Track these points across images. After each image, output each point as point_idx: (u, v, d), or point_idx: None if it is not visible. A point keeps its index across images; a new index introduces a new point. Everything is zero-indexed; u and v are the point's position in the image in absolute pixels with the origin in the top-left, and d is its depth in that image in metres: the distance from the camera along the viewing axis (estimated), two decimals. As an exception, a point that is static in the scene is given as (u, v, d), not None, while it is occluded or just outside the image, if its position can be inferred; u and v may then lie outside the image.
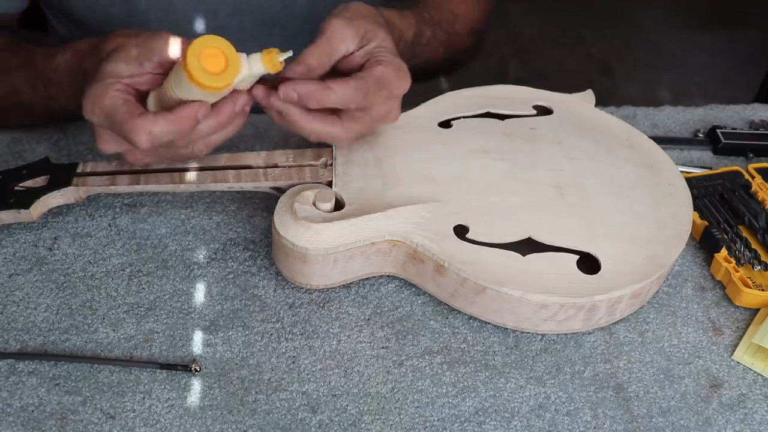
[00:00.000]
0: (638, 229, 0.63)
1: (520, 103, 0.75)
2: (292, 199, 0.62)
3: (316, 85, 0.58)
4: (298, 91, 0.58)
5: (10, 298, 0.62)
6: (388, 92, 0.61)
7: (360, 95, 0.59)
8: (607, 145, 0.71)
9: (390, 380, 0.58)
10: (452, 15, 0.86)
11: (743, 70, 2.26)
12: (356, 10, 0.64)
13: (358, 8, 0.65)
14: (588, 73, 2.34)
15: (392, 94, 0.62)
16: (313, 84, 0.58)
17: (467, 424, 0.56)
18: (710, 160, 0.81)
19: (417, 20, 0.78)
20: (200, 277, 0.65)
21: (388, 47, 0.63)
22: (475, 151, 0.69)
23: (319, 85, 0.58)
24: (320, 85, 0.58)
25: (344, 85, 0.58)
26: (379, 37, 0.63)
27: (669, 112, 0.87)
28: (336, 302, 0.63)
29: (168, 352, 0.59)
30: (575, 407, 0.57)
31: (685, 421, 0.57)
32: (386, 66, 0.60)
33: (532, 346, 0.61)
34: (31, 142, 0.76)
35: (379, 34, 0.63)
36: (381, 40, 0.63)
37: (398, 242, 0.61)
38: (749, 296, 0.64)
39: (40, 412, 0.55)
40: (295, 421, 0.55)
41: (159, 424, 0.54)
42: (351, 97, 0.59)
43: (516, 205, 0.64)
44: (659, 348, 0.62)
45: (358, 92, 0.59)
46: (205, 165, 0.66)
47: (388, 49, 0.63)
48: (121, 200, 0.71)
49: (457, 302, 0.62)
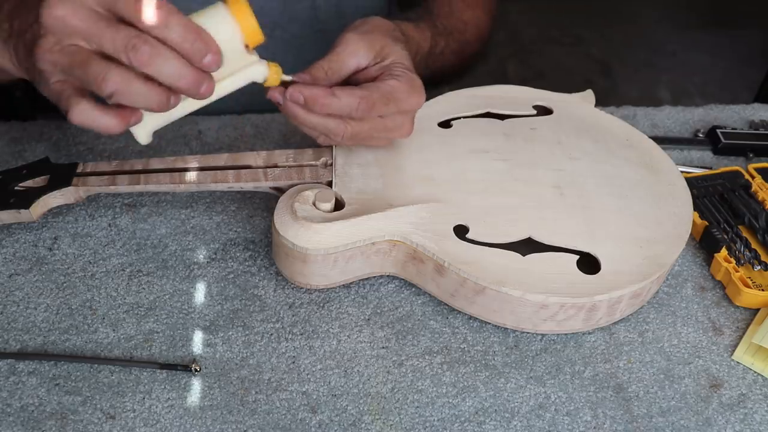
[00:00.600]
0: (638, 229, 0.63)
1: (520, 103, 0.75)
2: (292, 199, 0.62)
3: (322, 91, 0.58)
4: (305, 95, 0.58)
5: (10, 298, 0.62)
6: (397, 107, 0.61)
7: (365, 105, 0.59)
8: (607, 145, 0.71)
9: (390, 380, 0.58)
10: (462, 23, 0.87)
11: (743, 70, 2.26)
12: (374, 25, 0.65)
13: (376, 23, 0.65)
14: (588, 73, 2.34)
15: (402, 109, 0.62)
16: (319, 89, 0.58)
17: (467, 424, 0.56)
18: (710, 160, 0.81)
19: (432, 32, 0.79)
20: (200, 277, 0.65)
21: (405, 63, 0.63)
22: (475, 151, 0.69)
23: (326, 90, 0.58)
24: (326, 90, 0.58)
25: (350, 94, 0.59)
26: (396, 52, 0.63)
27: (669, 112, 0.87)
28: (336, 302, 0.63)
29: (168, 352, 0.59)
30: (575, 407, 0.57)
31: (685, 421, 0.57)
32: (399, 80, 0.61)
33: (532, 346, 0.61)
34: (31, 142, 0.76)
35: (396, 50, 0.63)
36: (398, 56, 0.63)
37: (398, 242, 0.61)
38: (749, 296, 0.64)
39: (40, 412, 0.55)
40: (295, 421, 0.55)
41: (159, 424, 0.54)
42: (355, 106, 0.59)
43: (516, 205, 0.64)
44: (659, 348, 0.62)
45: (362, 102, 0.59)
46: (205, 165, 0.66)
47: (405, 65, 0.63)
48: (121, 200, 0.71)
49: (457, 302, 0.62)
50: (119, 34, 0.48)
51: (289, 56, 0.88)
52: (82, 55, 0.49)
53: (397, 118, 0.62)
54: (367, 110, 0.59)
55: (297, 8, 0.85)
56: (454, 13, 0.87)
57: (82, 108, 0.50)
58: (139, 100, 0.50)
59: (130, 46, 0.48)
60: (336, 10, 0.87)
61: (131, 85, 0.49)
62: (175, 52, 0.49)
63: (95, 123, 0.51)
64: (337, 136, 0.61)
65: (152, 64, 0.48)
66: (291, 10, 0.85)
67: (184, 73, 0.49)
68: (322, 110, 0.59)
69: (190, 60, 0.50)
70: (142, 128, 0.55)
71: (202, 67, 0.50)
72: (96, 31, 0.49)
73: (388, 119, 0.62)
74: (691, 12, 2.63)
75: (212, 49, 0.50)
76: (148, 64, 0.48)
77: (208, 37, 0.50)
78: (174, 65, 0.49)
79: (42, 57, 0.50)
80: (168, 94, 0.50)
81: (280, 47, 0.88)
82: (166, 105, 0.51)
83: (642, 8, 2.62)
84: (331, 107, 0.59)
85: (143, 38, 0.48)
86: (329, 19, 0.87)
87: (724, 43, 2.47)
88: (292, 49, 0.87)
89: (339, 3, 0.87)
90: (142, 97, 0.50)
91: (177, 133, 0.78)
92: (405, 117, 0.63)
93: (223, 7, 0.53)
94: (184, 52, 0.50)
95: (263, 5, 0.84)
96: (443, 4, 0.87)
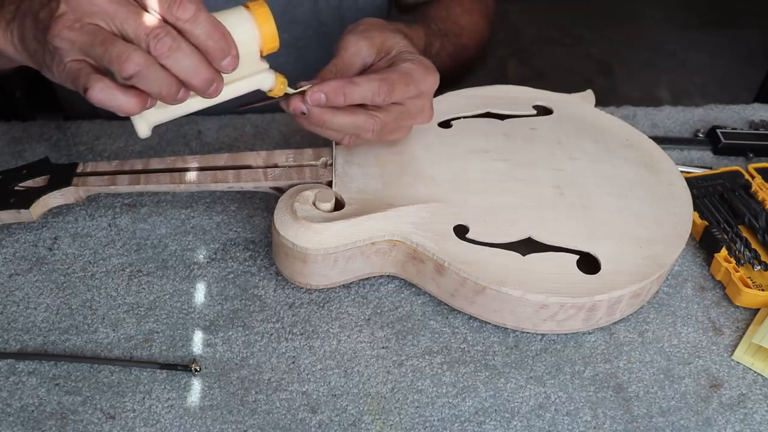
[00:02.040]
0: (638, 229, 0.63)
1: (520, 103, 0.75)
2: (292, 199, 0.62)
3: (340, 82, 0.58)
4: (324, 91, 0.58)
5: (10, 298, 0.62)
6: (416, 88, 0.61)
7: (386, 88, 0.59)
8: (607, 145, 0.71)
9: (390, 380, 0.58)
10: (459, 27, 0.87)
11: (743, 70, 2.26)
12: (369, 23, 0.65)
13: (370, 21, 0.66)
14: (588, 73, 2.34)
15: (420, 91, 0.62)
16: (336, 81, 0.58)
17: (467, 424, 0.56)
18: (710, 160, 0.81)
19: (426, 32, 0.79)
20: (200, 277, 0.65)
21: (410, 49, 0.64)
22: (475, 151, 0.69)
23: (343, 80, 0.58)
24: (344, 80, 0.58)
25: (368, 79, 0.59)
26: (398, 43, 0.64)
27: (669, 112, 0.87)
28: (336, 302, 0.63)
29: (168, 352, 0.59)
30: (575, 407, 0.57)
31: (685, 421, 0.57)
32: (413, 62, 0.61)
33: (532, 346, 0.61)
34: (31, 142, 0.76)
35: (397, 40, 0.64)
36: (401, 45, 0.64)
37: (398, 242, 0.61)
38: (749, 296, 0.64)
39: (40, 412, 0.55)
40: (295, 421, 0.55)
41: (159, 424, 0.54)
42: (377, 89, 0.59)
43: (516, 205, 0.64)
44: (659, 348, 0.62)
45: (383, 84, 0.59)
46: (205, 165, 0.66)
47: (411, 50, 0.63)
48: (121, 200, 0.71)
49: (457, 302, 0.62)
50: (144, 21, 0.49)
51: (290, 58, 0.88)
52: (104, 34, 0.50)
53: (417, 102, 0.63)
54: (389, 92, 0.59)
55: (298, 11, 0.85)
56: (450, 17, 0.87)
57: (103, 86, 0.50)
58: (154, 87, 0.50)
59: (153, 34, 0.48)
60: (337, 12, 0.87)
61: (152, 69, 0.49)
62: (193, 48, 0.50)
63: (115, 102, 0.51)
64: (366, 131, 0.61)
65: (171, 57, 0.49)
66: (292, 12, 0.85)
67: (200, 71, 0.50)
68: (345, 101, 0.58)
69: (211, 58, 0.50)
70: (144, 120, 0.55)
71: (219, 68, 0.51)
72: (121, 13, 0.49)
73: (410, 104, 0.62)
74: (691, 12, 2.63)
75: (233, 51, 0.51)
76: (167, 55, 0.49)
77: (231, 39, 0.51)
78: (191, 61, 0.50)
79: (60, 34, 0.50)
80: (180, 86, 0.51)
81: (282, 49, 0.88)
82: (175, 97, 0.51)
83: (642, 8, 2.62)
84: (354, 95, 0.58)
85: (166, 29, 0.49)
86: (330, 21, 0.87)
87: (724, 43, 2.47)
88: (293, 51, 0.87)
89: (340, 5, 0.87)
90: (158, 84, 0.50)
91: (177, 133, 0.79)
92: (424, 100, 0.63)
93: (245, 11, 0.53)
94: (207, 49, 0.50)
95: None
96: (440, 8, 0.88)
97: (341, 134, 0.62)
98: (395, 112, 0.62)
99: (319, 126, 0.60)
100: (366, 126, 0.61)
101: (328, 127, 0.60)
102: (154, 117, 0.55)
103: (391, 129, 0.63)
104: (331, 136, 0.62)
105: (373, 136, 0.62)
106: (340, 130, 0.61)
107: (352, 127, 0.61)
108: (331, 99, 0.58)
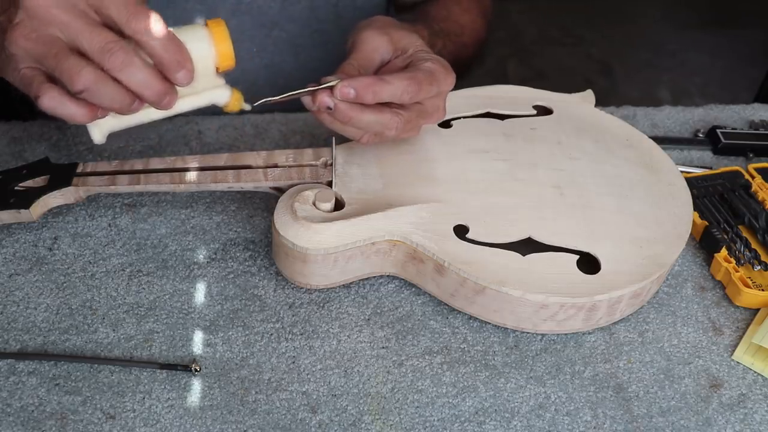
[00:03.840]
0: (638, 229, 0.63)
1: (520, 103, 0.75)
2: (292, 199, 0.62)
3: (372, 78, 0.58)
4: (355, 87, 0.57)
5: (10, 298, 0.62)
6: (438, 88, 0.61)
7: (414, 86, 0.59)
8: (607, 145, 0.71)
9: (390, 380, 0.58)
10: (459, 27, 0.88)
11: (743, 70, 2.26)
12: (382, 21, 0.65)
13: (382, 19, 0.66)
14: (588, 73, 2.34)
15: (440, 90, 0.62)
16: (367, 78, 0.58)
17: (467, 424, 0.56)
18: (710, 160, 0.81)
19: (428, 32, 0.79)
20: (200, 277, 0.65)
21: (427, 49, 0.64)
22: (475, 151, 0.69)
23: (375, 78, 0.58)
24: (376, 78, 0.58)
25: (399, 77, 0.58)
26: (413, 41, 0.64)
27: (669, 112, 0.87)
28: (336, 302, 0.63)
29: (168, 352, 0.59)
30: (575, 407, 0.57)
31: (685, 421, 0.57)
32: (433, 63, 0.61)
33: (532, 346, 0.61)
34: (31, 142, 0.76)
35: (413, 39, 0.64)
36: (418, 44, 0.64)
37: (398, 242, 0.61)
38: (749, 296, 0.64)
39: (40, 412, 0.55)
40: (295, 421, 0.55)
41: (159, 424, 0.54)
42: (405, 88, 0.58)
43: (516, 205, 0.64)
44: (659, 348, 0.62)
45: (412, 83, 0.59)
46: (205, 165, 0.66)
47: (427, 49, 0.63)
48: (121, 200, 0.71)
49: (457, 302, 0.62)
50: (98, 35, 0.50)
51: (287, 56, 0.88)
52: (58, 46, 0.50)
53: (435, 101, 0.63)
54: (417, 92, 0.59)
55: (295, 8, 0.85)
56: (450, 16, 0.87)
57: (54, 95, 0.51)
58: (105, 100, 0.51)
59: (106, 48, 0.50)
60: (335, 11, 0.87)
61: (102, 85, 0.50)
62: (146, 62, 0.51)
63: (66, 111, 0.52)
64: (391, 129, 0.61)
65: (124, 71, 0.50)
66: (289, 10, 0.85)
67: (152, 84, 0.51)
68: (374, 98, 0.58)
69: (165, 70, 0.52)
70: (98, 128, 0.56)
71: (173, 80, 0.52)
72: (77, 26, 0.50)
73: (428, 103, 0.62)
74: (691, 12, 2.63)
75: (187, 65, 0.52)
76: (120, 69, 0.50)
77: (186, 53, 0.52)
78: (144, 74, 0.51)
79: (16, 41, 0.51)
80: (133, 98, 0.52)
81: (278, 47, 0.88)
82: (128, 109, 0.52)
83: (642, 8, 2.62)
84: (383, 93, 0.58)
85: (119, 43, 0.50)
86: (327, 19, 0.87)
87: (724, 43, 2.47)
88: (290, 49, 0.87)
89: (337, 3, 0.87)
90: (109, 98, 0.51)
91: (177, 133, 0.78)
92: (440, 99, 0.63)
93: (203, 29, 0.54)
94: (162, 61, 0.51)
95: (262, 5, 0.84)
96: (440, 8, 0.88)
97: (362, 132, 0.61)
98: (416, 111, 0.62)
99: (344, 122, 0.60)
100: (391, 124, 0.60)
101: (354, 125, 0.60)
102: (108, 125, 0.56)
103: (412, 127, 0.63)
104: (351, 133, 0.62)
105: (396, 134, 0.62)
106: (365, 128, 0.61)
107: (378, 124, 0.60)
108: (360, 95, 0.57)
